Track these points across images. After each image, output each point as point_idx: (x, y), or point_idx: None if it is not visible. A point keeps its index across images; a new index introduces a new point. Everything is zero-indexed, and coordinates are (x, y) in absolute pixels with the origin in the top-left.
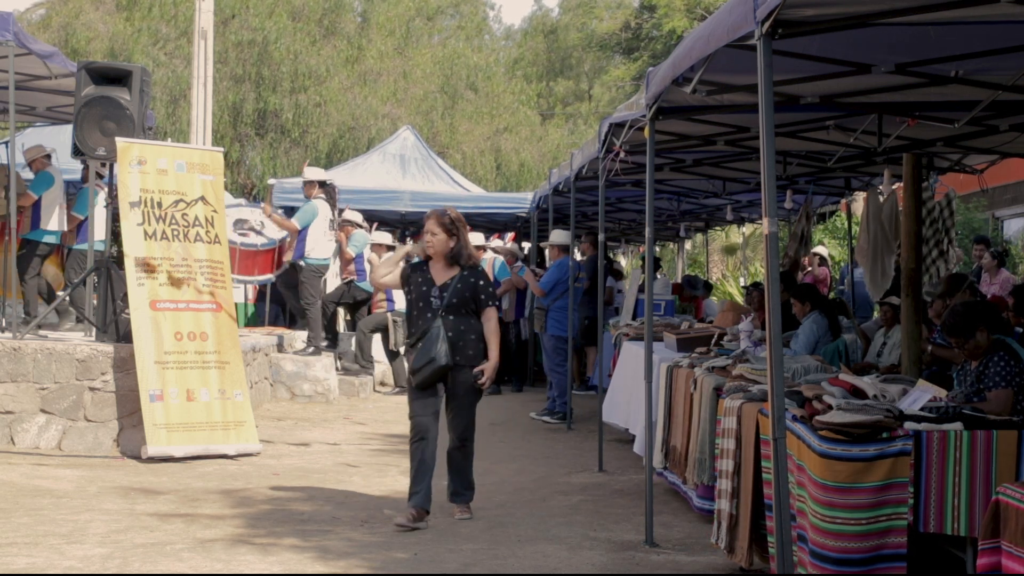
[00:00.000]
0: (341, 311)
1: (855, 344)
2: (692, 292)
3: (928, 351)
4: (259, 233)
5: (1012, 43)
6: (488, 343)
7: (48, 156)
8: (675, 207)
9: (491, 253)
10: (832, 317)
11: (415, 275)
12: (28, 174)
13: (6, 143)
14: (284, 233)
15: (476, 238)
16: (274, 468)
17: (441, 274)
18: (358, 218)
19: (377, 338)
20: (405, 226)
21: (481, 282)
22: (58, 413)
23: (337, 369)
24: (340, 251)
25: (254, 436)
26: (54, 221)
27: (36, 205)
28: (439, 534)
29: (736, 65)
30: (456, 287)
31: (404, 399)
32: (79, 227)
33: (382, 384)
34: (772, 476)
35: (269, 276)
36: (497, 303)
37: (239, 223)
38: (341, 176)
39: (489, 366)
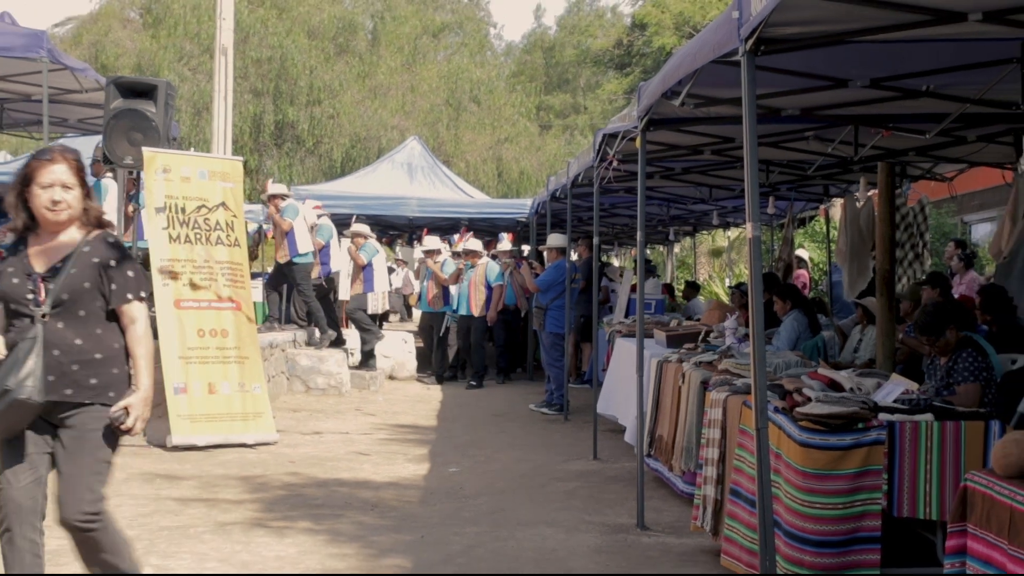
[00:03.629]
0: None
1: (833, 341)
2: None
3: (900, 338)
4: None
5: (979, 59)
6: (134, 360)
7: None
8: (665, 212)
9: (485, 258)
10: (811, 315)
11: (8, 259)
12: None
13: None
14: None
15: (475, 244)
16: (290, 456)
17: (46, 255)
18: (366, 229)
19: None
20: (412, 229)
21: (113, 261)
22: None
23: (348, 364)
24: (353, 260)
25: (271, 426)
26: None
27: None
28: (445, 517)
29: (721, 80)
30: (70, 272)
31: (413, 391)
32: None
33: (390, 378)
34: (745, 464)
35: None
36: (145, 294)
37: None
38: (353, 183)
39: (136, 399)
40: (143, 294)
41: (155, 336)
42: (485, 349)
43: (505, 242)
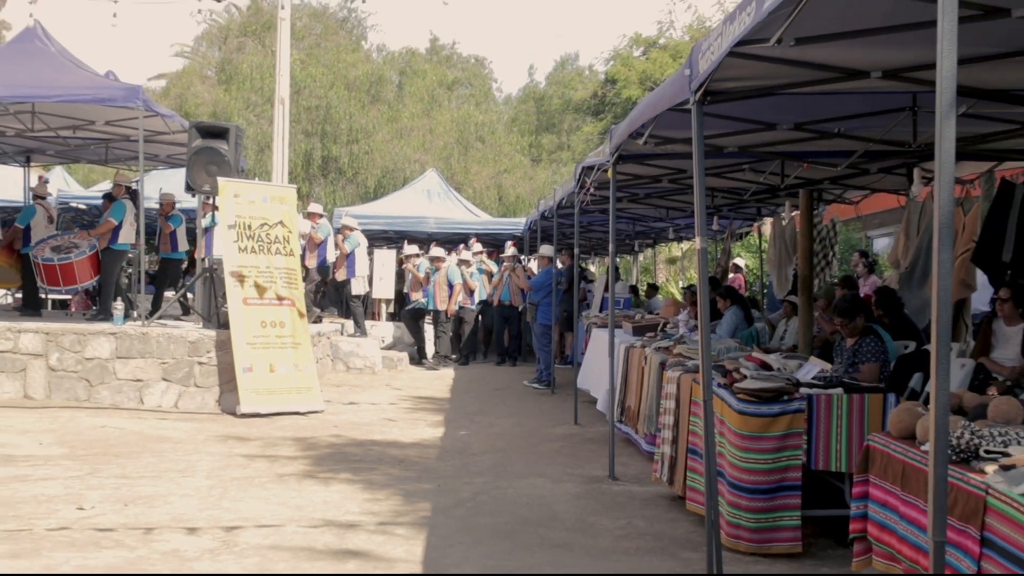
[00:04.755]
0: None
1: (764, 331)
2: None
3: (816, 317)
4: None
5: (879, 108)
6: None
7: (131, 190)
8: (631, 229)
9: (448, 262)
10: (747, 311)
11: None
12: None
13: (137, 182)
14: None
15: (438, 251)
16: (333, 422)
17: None
18: (353, 222)
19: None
20: (429, 241)
21: None
22: (175, 381)
23: (380, 348)
24: (338, 248)
25: (319, 398)
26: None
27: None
28: (457, 470)
29: (676, 124)
30: None
31: (431, 373)
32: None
33: (450, 357)
34: (699, 429)
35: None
36: None
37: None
38: (384, 206)
39: None
40: None
41: (227, 327)
42: (450, 335)
43: (510, 249)
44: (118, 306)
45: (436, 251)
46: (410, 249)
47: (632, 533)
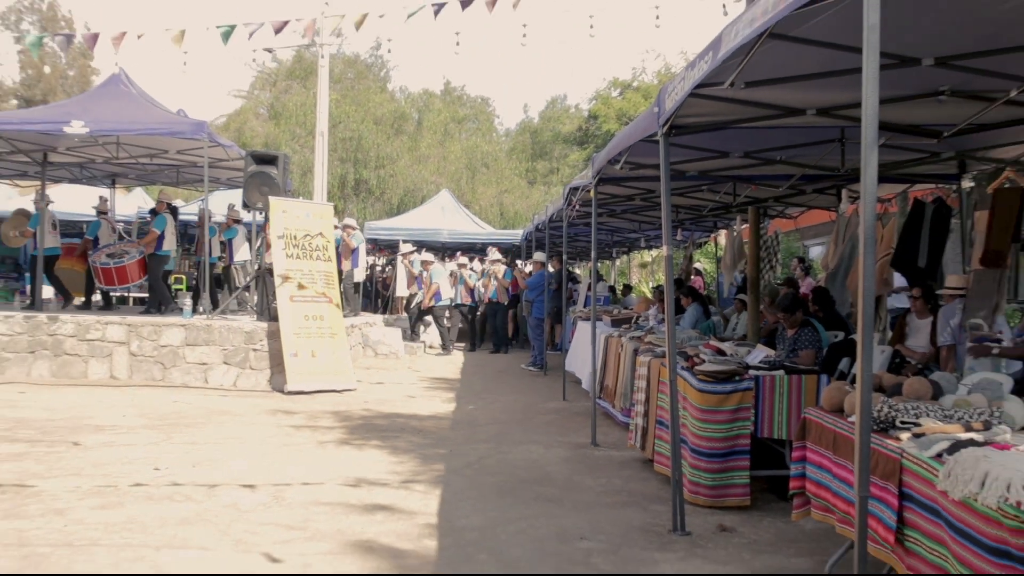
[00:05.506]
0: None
1: (720, 323)
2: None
3: (762, 311)
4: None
5: (813, 139)
6: None
7: (171, 206)
8: (610, 239)
9: (435, 265)
10: (705, 307)
11: None
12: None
13: (203, 200)
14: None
15: (427, 256)
16: (364, 398)
17: None
18: (352, 222)
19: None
20: (443, 250)
21: None
22: (234, 364)
23: (403, 338)
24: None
25: (352, 379)
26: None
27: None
28: (466, 439)
29: (647, 152)
30: None
31: (445, 357)
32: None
33: (430, 347)
34: (666, 403)
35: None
36: None
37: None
38: (405, 220)
39: None
40: None
41: (276, 320)
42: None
43: (494, 254)
44: (187, 302)
45: (426, 255)
46: (406, 247)
47: (611, 490)
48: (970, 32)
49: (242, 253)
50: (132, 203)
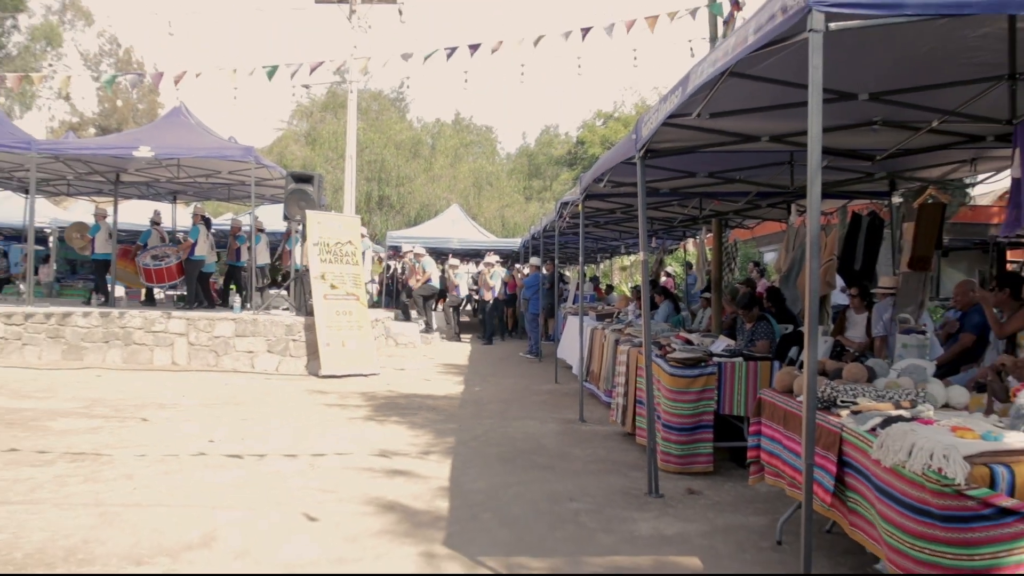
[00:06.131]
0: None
1: (688, 317)
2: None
3: (724, 307)
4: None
5: (767, 162)
6: None
7: (204, 218)
8: (595, 245)
9: (426, 259)
10: (676, 304)
11: None
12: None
13: (251, 213)
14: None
15: (420, 250)
16: (386, 381)
17: None
18: (364, 231)
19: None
20: (452, 255)
21: None
22: (276, 352)
23: (420, 330)
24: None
25: (376, 365)
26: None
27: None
28: (473, 415)
29: (626, 172)
30: None
31: (456, 346)
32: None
33: (443, 338)
34: (642, 385)
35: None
36: None
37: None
38: (423, 230)
39: None
40: None
41: (312, 315)
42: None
43: (489, 257)
44: (236, 299)
45: (419, 248)
46: (407, 247)
47: (596, 459)
48: (898, 72)
49: (263, 257)
50: (190, 216)
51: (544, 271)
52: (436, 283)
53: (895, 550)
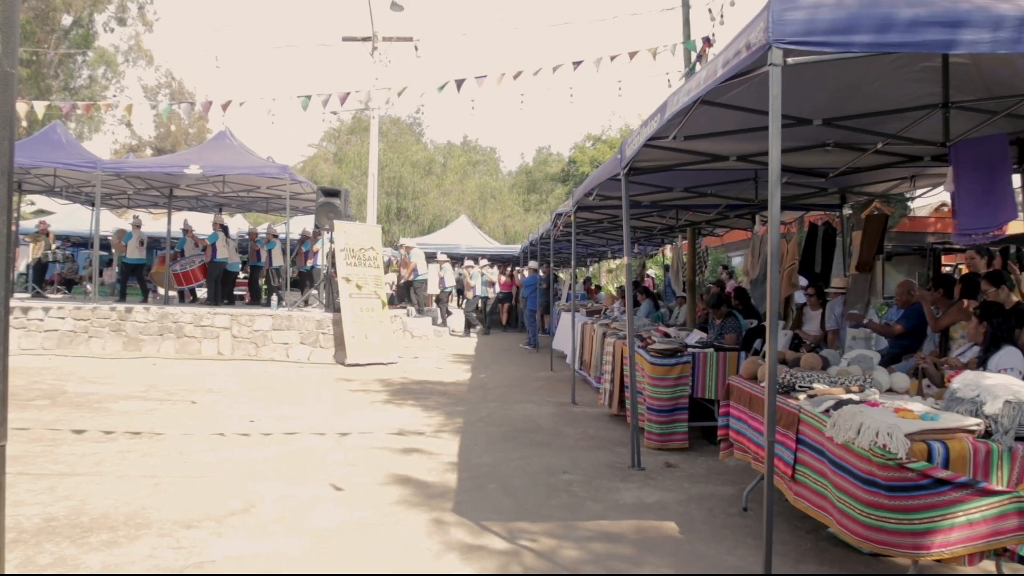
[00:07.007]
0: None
1: (666, 314)
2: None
3: (697, 305)
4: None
5: (735, 178)
6: None
7: (223, 226)
8: (585, 251)
9: (416, 255)
10: (655, 301)
11: None
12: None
13: (286, 223)
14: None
15: (411, 242)
16: (403, 370)
17: None
18: (412, 242)
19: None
20: (461, 258)
21: None
22: (308, 344)
23: (433, 324)
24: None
25: (394, 355)
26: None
27: (215, 248)
28: (479, 399)
29: (613, 187)
30: None
31: (463, 338)
32: (306, 257)
33: (453, 331)
34: (628, 372)
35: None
36: None
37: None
38: (435, 237)
39: None
40: None
41: (339, 311)
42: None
43: (484, 261)
44: (273, 298)
45: (408, 241)
46: (409, 242)
47: (586, 437)
48: (848, 101)
49: (277, 260)
50: (234, 226)
51: (541, 273)
52: (423, 274)
53: (847, 515)
